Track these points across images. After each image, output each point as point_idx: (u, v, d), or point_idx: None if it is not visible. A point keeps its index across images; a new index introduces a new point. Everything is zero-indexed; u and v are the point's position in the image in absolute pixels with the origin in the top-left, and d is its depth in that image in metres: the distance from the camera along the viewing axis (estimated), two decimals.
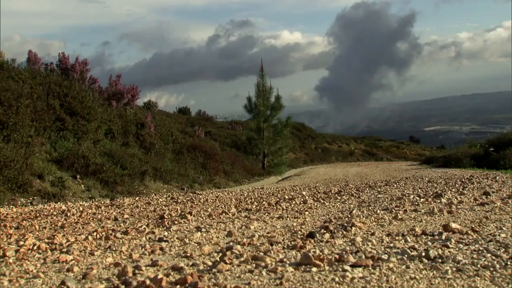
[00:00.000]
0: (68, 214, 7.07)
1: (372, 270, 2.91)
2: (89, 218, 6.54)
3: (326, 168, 26.52)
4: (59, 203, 9.53)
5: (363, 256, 3.23)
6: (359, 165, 27.99)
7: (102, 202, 9.63)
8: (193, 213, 6.08)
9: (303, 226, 4.89)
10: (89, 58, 16.78)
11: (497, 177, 10.85)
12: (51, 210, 7.75)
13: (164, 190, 13.79)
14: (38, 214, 7.14)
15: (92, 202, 9.89)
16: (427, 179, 11.97)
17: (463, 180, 10.14)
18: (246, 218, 5.67)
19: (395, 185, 9.83)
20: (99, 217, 6.60)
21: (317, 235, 4.11)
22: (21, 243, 4.39)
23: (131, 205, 8.12)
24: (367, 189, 8.99)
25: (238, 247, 3.76)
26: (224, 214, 6.03)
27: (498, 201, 5.97)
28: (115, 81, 17.80)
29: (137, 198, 10.19)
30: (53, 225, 5.85)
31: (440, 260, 3.07)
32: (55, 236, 4.77)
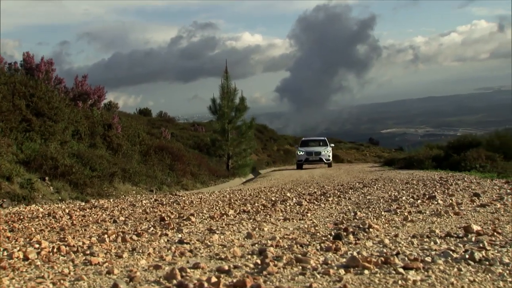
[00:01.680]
0: (56, 216, 6.90)
1: (426, 273, 2.90)
2: (82, 220, 6.39)
3: (290, 170, 26.64)
4: (34, 205, 9.32)
5: (406, 259, 3.22)
6: (322, 167, 28.14)
7: (79, 204, 9.46)
8: (194, 215, 5.99)
9: (316, 228, 4.87)
10: (46, 57, 16.35)
11: (465, 178, 11.11)
12: (34, 213, 7.59)
13: (134, 192, 13.64)
14: (21, 217, 6.97)
15: (70, 204, 9.71)
16: (398, 180, 12.08)
17: (440, 182, 10.24)
18: (252, 220, 5.63)
19: (375, 187, 9.87)
20: (90, 219, 6.46)
21: (344, 236, 4.12)
22: (36, 245, 4.28)
23: (116, 207, 8.01)
24: (350, 190, 9.00)
25: (272, 249, 3.74)
26: (225, 216, 5.96)
27: (495, 202, 6.06)
28: (81, 81, 17.52)
29: (112, 200, 10.04)
30: (49, 228, 5.70)
31: (487, 263, 3.07)
32: (66, 239, 4.66)
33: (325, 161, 27.94)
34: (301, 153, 28.07)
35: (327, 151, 28.31)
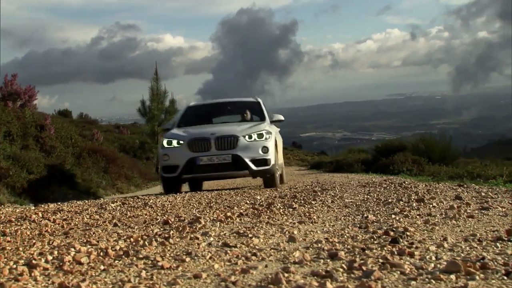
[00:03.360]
0: (35, 220, 6.55)
1: None
2: (71, 224, 6.07)
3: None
4: None
5: (496, 263, 3.13)
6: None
7: (31, 208, 9.08)
8: (201, 218, 5.78)
9: (345, 231, 4.73)
10: None
11: (406, 182, 11.40)
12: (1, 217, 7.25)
13: (71, 195, 13.30)
14: None
15: (16, 208, 9.32)
16: (341, 183, 11.84)
17: (400, 185, 10.25)
18: (264, 224, 5.45)
19: (336, 190, 9.70)
20: (76, 222, 6.14)
21: (401, 240, 3.99)
22: (72, 249, 4.02)
23: (86, 211, 7.71)
24: (318, 193, 8.85)
25: (342, 253, 3.61)
26: (230, 219, 5.77)
27: (491, 205, 6.01)
28: (10, 80, 16.84)
29: (66, 203, 9.70)
30: (43, 232, 5.40)
31: None
32: (90, 241, 4.43)
33: (253, 168, 10.50)
34: (174, 144, 11.01)
35: (263, 135, 10.62)
